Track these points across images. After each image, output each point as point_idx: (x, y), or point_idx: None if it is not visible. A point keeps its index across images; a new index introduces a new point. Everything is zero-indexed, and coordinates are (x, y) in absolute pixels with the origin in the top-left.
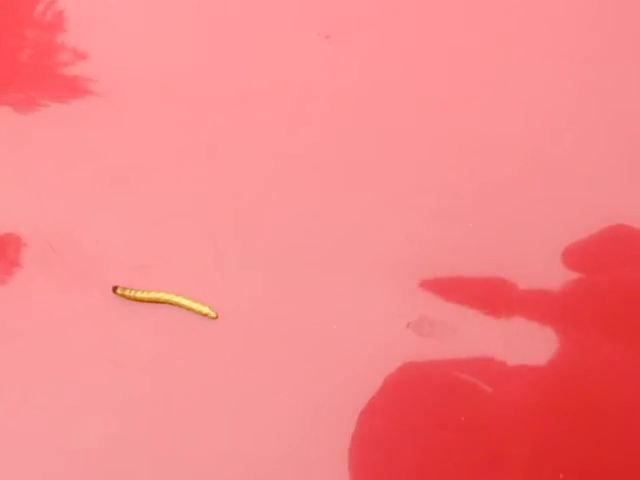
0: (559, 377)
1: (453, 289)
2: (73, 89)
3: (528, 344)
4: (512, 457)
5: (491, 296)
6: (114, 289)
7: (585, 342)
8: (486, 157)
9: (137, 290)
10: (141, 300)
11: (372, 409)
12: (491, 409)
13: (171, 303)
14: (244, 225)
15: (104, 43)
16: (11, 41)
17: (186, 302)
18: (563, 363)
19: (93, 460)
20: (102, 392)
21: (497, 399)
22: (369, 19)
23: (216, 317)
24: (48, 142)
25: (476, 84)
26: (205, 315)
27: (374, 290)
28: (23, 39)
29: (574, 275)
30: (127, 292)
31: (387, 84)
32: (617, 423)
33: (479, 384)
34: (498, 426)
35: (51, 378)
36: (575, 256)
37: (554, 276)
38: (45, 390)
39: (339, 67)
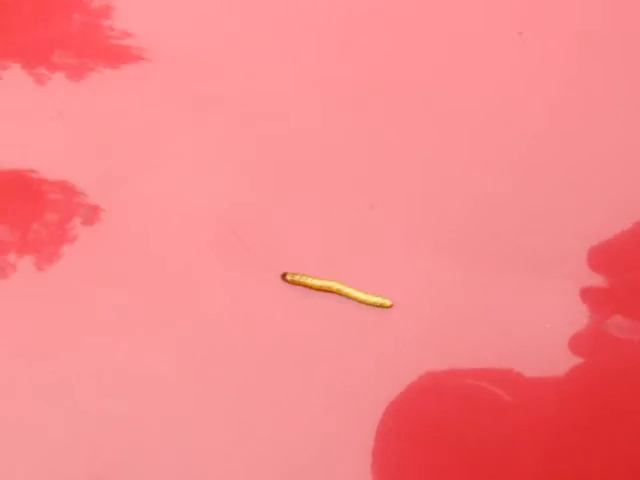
0: (577, 388)
1: None
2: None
3: (546, 354)
4: (529, 466)
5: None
6: (283, 276)
7: (604, 351)
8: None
9: (307, 276)
10: (311, 287)
11: (396, 409)
12: (511, 418)
13: (341, 293)
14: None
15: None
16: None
17: (357, 293)
18: (581, 373)
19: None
20: (268, 377)
21: (517, 409)
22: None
23: (391, 306)
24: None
25: None
26: (379, 306)
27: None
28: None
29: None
30: (297, 277)
31: None
32: (636, 434)
33: (499, 393)
34: (516, 434)
35: (220, 359)
36: (600, 256)
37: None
38: (216, 371)
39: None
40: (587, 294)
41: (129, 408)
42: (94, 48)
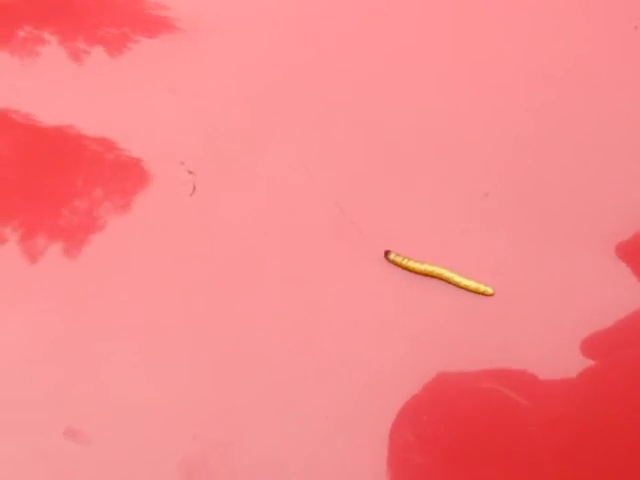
0: (591, 390)
1: None
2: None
3: (560, 356)
4: (543, 468)
5: None
6: (386, 254)
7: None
8: None
9: (410, 259)
10: (412, 270)
11: (415, 406)
12: (524, 421)
13: (442, 278)
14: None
15: None
16: None
17: (460, 279)
18: (595, 376)
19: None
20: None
21: (530, 411)
22: None
23: (493, 294)
24: None
25: None
26: (481, 293)
27: None
28: None
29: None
30: (399, 259)
31: None
32: None
33: (513, 396)
34: (530, 437)
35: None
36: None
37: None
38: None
39: None
40: None
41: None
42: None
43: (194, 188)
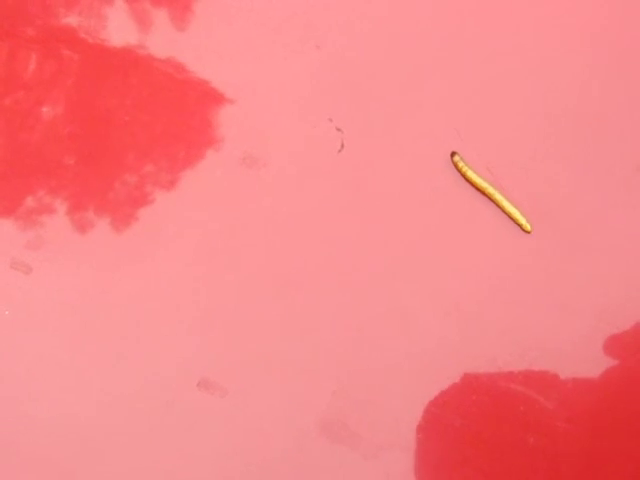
0: (612, 391)
1: None
2: None
3: (582, 357)
4: (565, 468)
5: None
6: (452, 154)
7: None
8: None
9: (470, 168)
10: (468, 179)
11: (443, 403)
12: (547, 421)
13: (491, 198)
14: None
15: None
16: None
17: (507, 204)
18: (617, 377)
19: None
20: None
21: (553, 412)
22: None
23: (530, 232)
24: None
25: None
26: (520, 226)
27: None
28: None
29: None
30: (461, 164)
31: None
32: None
33: (535, 396)
34: (553, 437)
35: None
36: None
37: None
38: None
39: None
40: None
41: None
42: None
43: (342, 145)
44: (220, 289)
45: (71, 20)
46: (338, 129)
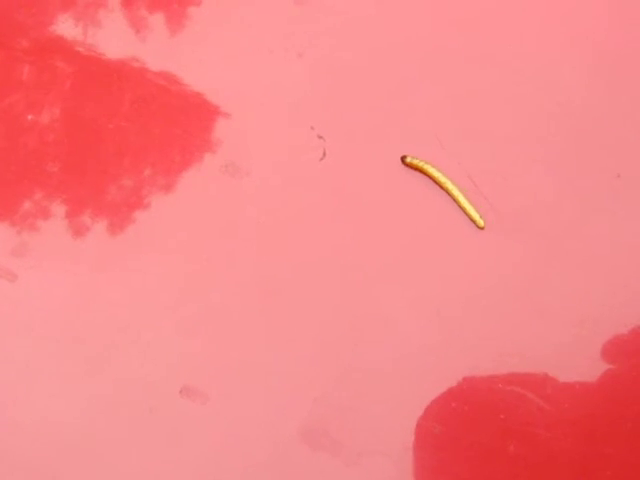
0: (610, 394)
1: None
2: None
3: (580, 360)
4: (563, 470)
5: None
6: (403, 158)
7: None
8: None
9: (427, 163)
10: (425, 172)
11: (434, 413)
12: (545, 423)
13: (448, 192)
14: None
15: None
16: None
17: (462, 200)
18: (614, 380)
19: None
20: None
21: (551, 414)
22: None
23: (483, 228)
24: None
25: None
26: (473, 222)
27: None
28: None
29: None
30: (416, 161)
31: None
32: None
33: (534, 399)
34: (550, 439)
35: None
36: None
37: None
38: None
39: None
40: None
41: None
42: None
43: (324, 154)
44: (203, 296)
45: (65, 31)
46: (320, 137)
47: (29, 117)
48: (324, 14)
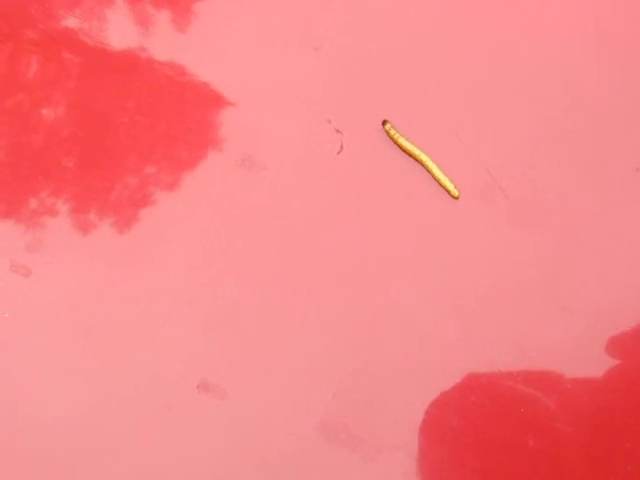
0: (615, 391)
1: None
2: None
3: (585, 357)
4: (569, 468)
5: None
6: (384, 123)
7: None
8: None
9: (402, 136)
10: (399, 145)
11: (443, 404)
12: (550, 421)
13: (422, 164)
14: None
15: None
16: None
17: (437, 172)
18: (620, 376)
19: None
20: None
21: (556, 412)
22: None
23: (457, 197)
24: None
25: None
26: (448, 192)
27: None
28: None
29: None
30: (392, 132)
31: None
32: None
33: (539, 396)
34: (556, 437)
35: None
36: None
37: None
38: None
39: None
40: None
41: None
42: None
43: (341, 147)
44: (220, 291)
45: (72, 23)
46: (337, 130)
47: (40, 111)
48: (341, 7)
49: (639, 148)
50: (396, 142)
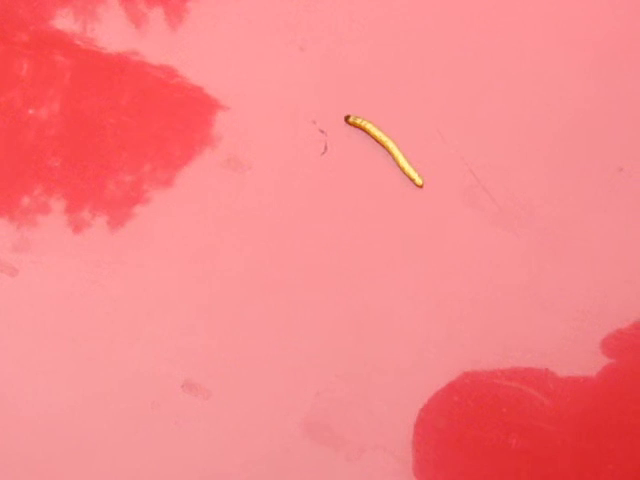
0: (610, 389)
1: None
2: None
3: (580, 355)
4: (562, 465)
5: None
6: (346, 118)
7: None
8: None
9: (369, 122)
10: (367, 131)
11: (427, 404)
12: (544, 418)
13: (389, 151)
14: None
15: None
16: None
17: (401, 160)
18: (614, 375)
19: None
20: None
21: (550, 409)
22: None
23: (421, 186)
24: None
25: None
26: (412, 180)
27: None
28: None
29: None
30: (359, 121)
31: None
32: None
33: (534, 394)
34: (549, 434)
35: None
36: None
37: None
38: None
39: None
40: None
41: None
42: None
43: (326, 148)
44: (204, 291)
45: (64, 25)
46: (322, 131)
47: (30, 111)
48: (326, 7)
49: (622, 149)
50: (364, 129)
